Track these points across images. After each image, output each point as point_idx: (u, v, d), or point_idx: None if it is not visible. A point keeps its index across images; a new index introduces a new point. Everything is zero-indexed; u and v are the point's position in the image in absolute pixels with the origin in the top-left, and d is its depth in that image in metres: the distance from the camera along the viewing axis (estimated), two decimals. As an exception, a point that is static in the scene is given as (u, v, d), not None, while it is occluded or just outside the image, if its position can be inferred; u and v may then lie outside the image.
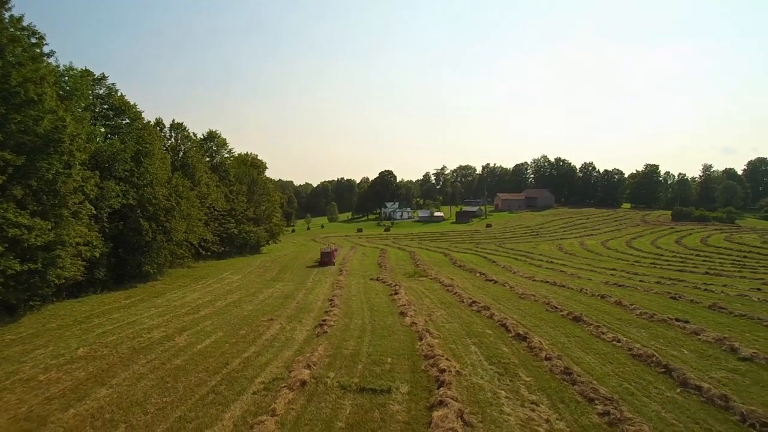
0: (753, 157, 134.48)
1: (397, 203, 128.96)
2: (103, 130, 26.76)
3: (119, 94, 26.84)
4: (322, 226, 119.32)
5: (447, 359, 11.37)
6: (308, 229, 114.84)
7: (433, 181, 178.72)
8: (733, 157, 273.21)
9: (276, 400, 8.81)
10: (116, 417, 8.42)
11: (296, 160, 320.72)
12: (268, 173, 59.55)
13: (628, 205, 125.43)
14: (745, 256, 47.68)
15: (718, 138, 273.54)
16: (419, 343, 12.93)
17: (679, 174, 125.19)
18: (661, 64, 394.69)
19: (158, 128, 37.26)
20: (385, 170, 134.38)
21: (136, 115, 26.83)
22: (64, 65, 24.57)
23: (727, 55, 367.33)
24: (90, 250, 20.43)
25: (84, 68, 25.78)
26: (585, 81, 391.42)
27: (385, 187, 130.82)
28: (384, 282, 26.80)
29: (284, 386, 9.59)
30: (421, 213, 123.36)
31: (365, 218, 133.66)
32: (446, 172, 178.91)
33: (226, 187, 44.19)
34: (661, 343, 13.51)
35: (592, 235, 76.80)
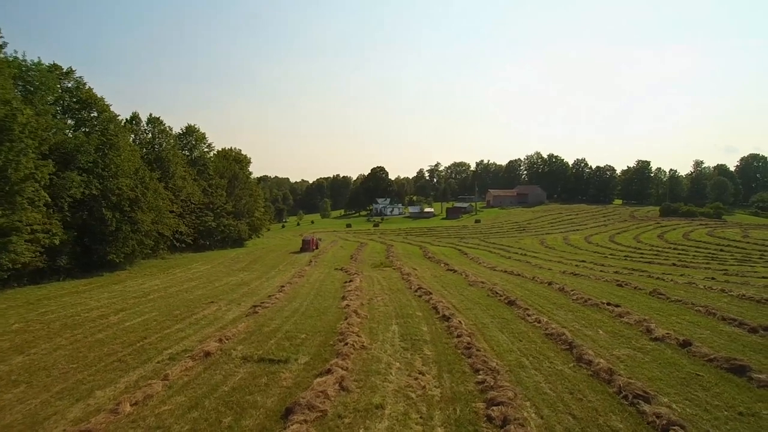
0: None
1: (388, 199, 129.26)
2: (71, 122, 27.24)
3: (87, 87, 27.33)
4: (312, 222, 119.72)
5: (358, 335, 11.89)
6: (298, 225, 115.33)
7: (427, 178, 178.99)
8: (736, 156, 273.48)
9: (173, 368, 9.36)
10: (20, 378, 9.08)
11: (293, 157, 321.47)
12: (265, 170, 60.39)
13: (620, 202, 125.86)
14: (721, 250, 48.06)
15: (720, 137, 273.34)
16: (342, 323, 13.45)
17: (670, 170, 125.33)
18: (660, 63, 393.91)
19: (134, 122, 37.75)
20: (377, 167, 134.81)
21: (104, 108, 27.28)
22: (31, 60, 25.07)
23: (729, 53, 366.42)
24: (49, 238, 20.99)
25: (52, 62, 26.35)
26: (583, 80, 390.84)
27: (377, 183, 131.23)
28: (347, 272, 27.33)
29: (188, 356, 10.14)
30: (412, 209, 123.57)
31: (357, 214, 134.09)
32: (440, 169, 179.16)
33: (205, 181, 44.65)
34: (581, 324, 13.88)
35: (578, 230, 77.22)
